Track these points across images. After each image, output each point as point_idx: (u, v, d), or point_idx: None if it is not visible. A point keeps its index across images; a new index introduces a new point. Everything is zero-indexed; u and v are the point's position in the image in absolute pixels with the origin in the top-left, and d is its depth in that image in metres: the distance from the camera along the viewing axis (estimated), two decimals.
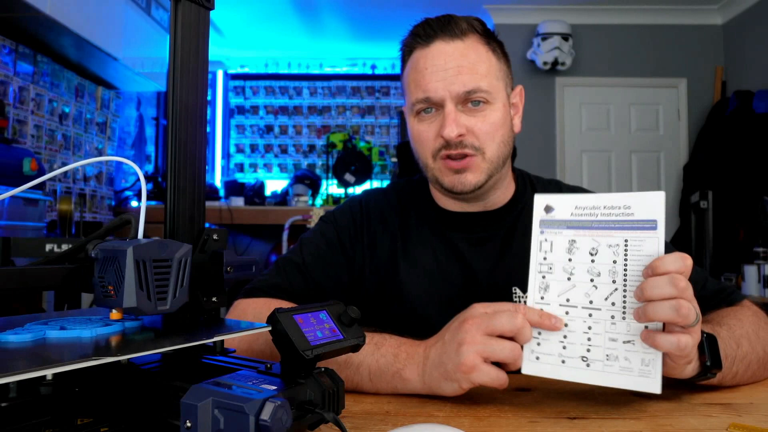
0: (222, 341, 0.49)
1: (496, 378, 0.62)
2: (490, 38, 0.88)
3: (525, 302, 0.87)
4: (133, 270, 0.42)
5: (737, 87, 4.05)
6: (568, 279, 0.64)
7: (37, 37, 2.77)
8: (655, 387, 0.59)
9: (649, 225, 0.60)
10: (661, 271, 0.57)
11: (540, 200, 0.67)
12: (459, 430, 0.49)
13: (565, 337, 0.63)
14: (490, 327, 0.63)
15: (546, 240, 0.66)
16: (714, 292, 0.85)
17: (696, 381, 0.67)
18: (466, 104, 0.84)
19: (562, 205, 0.65)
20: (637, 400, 0.68)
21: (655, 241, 0.59)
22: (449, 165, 0.86)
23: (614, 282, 0.61)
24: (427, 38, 0.86)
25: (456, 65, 0.83)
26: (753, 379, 0.75)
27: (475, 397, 0.68)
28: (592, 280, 0.63)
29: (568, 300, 0.64)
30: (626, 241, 0.61)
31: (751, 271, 3.27)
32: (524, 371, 0.64)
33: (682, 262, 0.58)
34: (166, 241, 0.45)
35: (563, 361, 0.63)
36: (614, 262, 0.61)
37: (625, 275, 0.61)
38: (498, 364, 0.63)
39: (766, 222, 3.38)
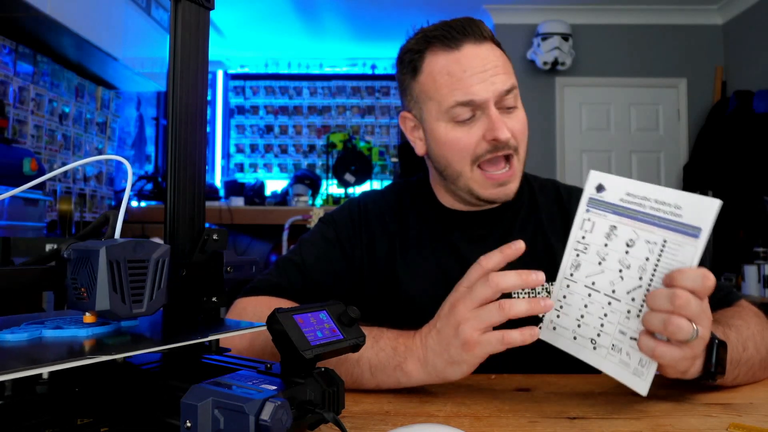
0: (217, 341, 0.48)
1: (499, 340, 0.63)
2: (499, 43, 0.91)
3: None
4: (106, 271, 0.40)
5: (737, 87, 4.05)
6: (599, 263, 0.64)
7: (37, 37, 2.77)
8: (642, 388, 0.59)
9: (693, 232, 0.58)
10: (677, 283, 0.57)
11: (594, 177, 0.66)
12: (459, 430, 0.49)
13: (582, 317, 0.65)
14: (474, 300, 0.64)
15: (589, 220, 0.65)
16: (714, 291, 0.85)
17: (696, 381, 0.67)
18: (500, 106, 0.85)
19: (615, 187, 0.64)
20: (637, 400, 0.68)
21: (692, 249, 0.58)
22: (491, 178, 0.86)
23: (641, 279, 0.61)
24: (455, 41, 0.84)
25: (493, 65, 0.84)
26: (753, 380, 0.75)
27: (475, 397, 0.68)
28: (620, 271, 0.62)
29: (593, 283, 0.64)
30: (665, 241, 0.59)
31: (751, 271, 3.27)
32: (541, 336, 0.66)
33: (702, 281, 0.57)
34: (143, 241, 0.43)
35: (575, 338, 0.65)
36: (647, 259, 0.61)
37: (653, 275, 0.60)
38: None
39: (766, 222, 3.38)
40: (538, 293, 0.86)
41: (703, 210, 0.57)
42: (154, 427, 0.44)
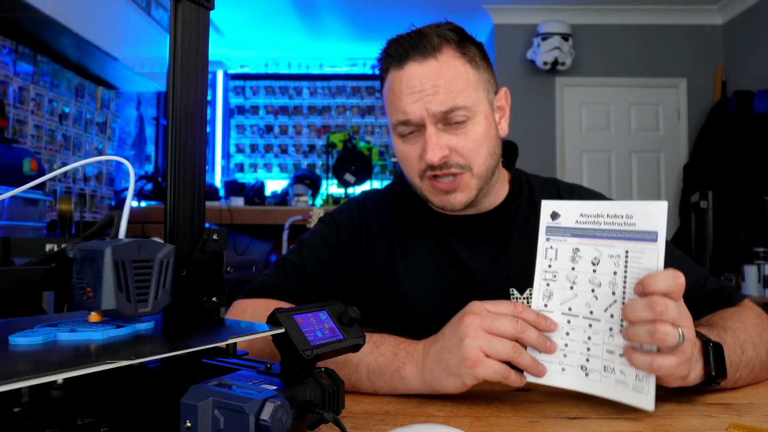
0: (235, 344, 0.48)
1: (500, 371, 0.62)
2: (467, 45, 0.86)
3: (527, 302, 0.87)
4: (111, 271, 0.40)
5: (737, 87, 4.05)
6: (571, 288, 0.64)
7: (37, 37, 2.77)
8: (647, 403, 0.58)
9: (650, 237, 0.59)
10: (650, 289, 0.57)
11: (547, 206, 0.67)
12: (459, 430, 0.49)
13: (566, 345, 0.63)
14: (492, 327, 0.63)
15: (551, 247, 0.66)
16: (714, 291, 0.85)
17: (699, 387, 0.67)
18: (447, 123, 0.83)
19: (568, 212, 0.65)
20: None
21: (654, 253, 0.58)
22: (437, 186, 0.85)
23: (614, 294, 0.61)
24: (400, 59, 0.84)
25: (432, 85, 0.81)
26: (754, 381, 0.75)
27: (475, 397, 0.68)
28: (593, 290, 0.62)
29: (570, 309, 0.64)
30: (627, 252, 0.60)
31: (751, 271, 3.27)
32: (529, 379, 0.64)
33: (673, 280, 0.57)
34: (148, 241, 0.44)
35: (563, 369, 0.63)
36: (614, 273, 0.61)
37: (624, 287, 0.60)
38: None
39: (766, 222, 3.38)
40: (523, 298, 0.87)
41: (653, 214, 0.59)
42: (155, 427, 0.44)
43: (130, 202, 0.49)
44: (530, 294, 0.86)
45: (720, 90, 4.29)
